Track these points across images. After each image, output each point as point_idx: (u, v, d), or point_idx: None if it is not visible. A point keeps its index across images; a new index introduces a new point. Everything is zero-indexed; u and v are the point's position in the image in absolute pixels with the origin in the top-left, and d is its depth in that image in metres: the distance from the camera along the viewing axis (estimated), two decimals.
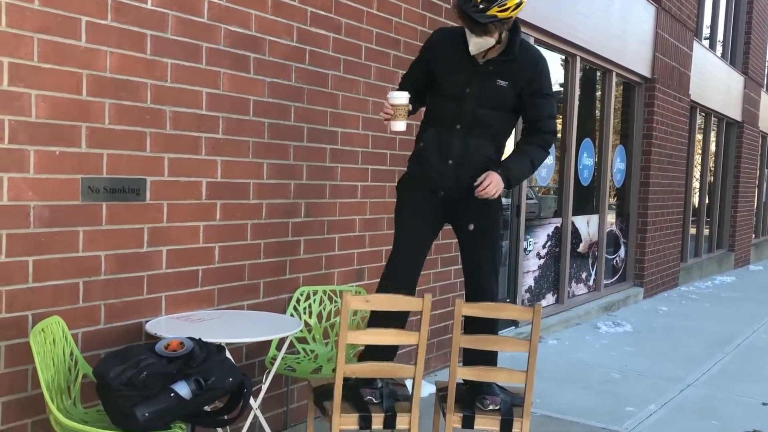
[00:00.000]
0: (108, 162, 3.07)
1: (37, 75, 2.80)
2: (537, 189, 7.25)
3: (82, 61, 2.95)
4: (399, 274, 3.25)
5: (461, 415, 3.05)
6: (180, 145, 3.35)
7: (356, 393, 2.92)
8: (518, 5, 2.77)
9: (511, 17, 2.81)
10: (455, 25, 3.08)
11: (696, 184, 11.82)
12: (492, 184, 3.02)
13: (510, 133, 3.30)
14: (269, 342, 3.74)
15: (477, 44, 2.90)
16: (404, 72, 3.50)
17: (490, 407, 3.09)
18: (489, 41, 2.87)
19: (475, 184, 3.05)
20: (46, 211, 2.87)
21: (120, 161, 3.11)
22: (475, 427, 3.08)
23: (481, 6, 2.72)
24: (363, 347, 3.32)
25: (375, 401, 2.94)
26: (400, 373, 2.91)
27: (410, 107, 3.12)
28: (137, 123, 3.16)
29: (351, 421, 2.82)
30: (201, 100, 3.42)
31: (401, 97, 3.06)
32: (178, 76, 3.31)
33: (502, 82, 3.01)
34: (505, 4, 2.71)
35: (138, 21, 3.14)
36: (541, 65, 3.08)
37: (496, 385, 3.21)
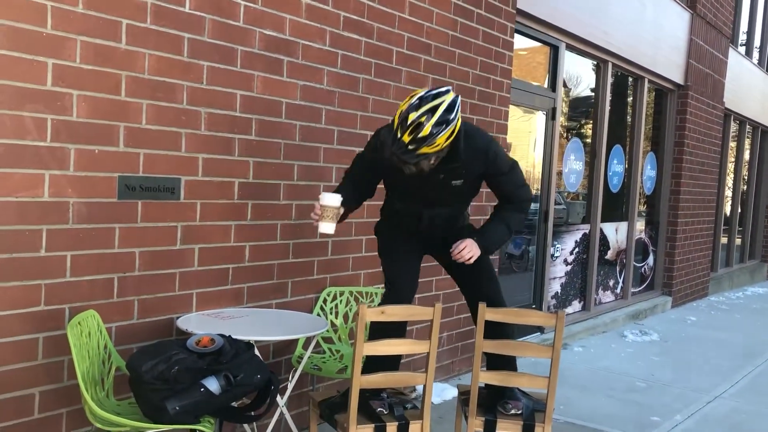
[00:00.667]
0: (144, 161, 3.15)
1: (78, 76, 2.89)
2: (565, 194, 7.23)
3: (122, 63, 3.03)
4: (404, 299, 3.26)
5: (483, 419, 3.08)
6: (214, 146, 3.42)
7: (366, 405, 2.96)
8: (450, 135, 2.63)
9: (445, 146, 2.68)
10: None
11: (728, 193, 11.64)
12: (466, 249, 3.02)
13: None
14: (296, 340, 3.80)
15: (412, 170, 2.76)
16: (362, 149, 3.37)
17: (512, 411, 3.12)
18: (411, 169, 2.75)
19: (451, 250, 3.07)
20: (85, 207, 2.96)
21: (156, 160, 3.19)
22: (497, 431, 3.10)
23: (409, 147, 2.59)
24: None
25: (385, 412, 2.98)
26: (411, 381, 2.95)
27: (341, 210, 3.04)
28: (173, 123, 3.24)
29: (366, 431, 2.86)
30: (235, 102, 3.50)
31: (333, 200, 2.98)
32: (213, 79, 3.39)
33: (457, 182, 2.95)
34: (435, 142, 2.58)
35: (176, 24, 3.22)
36: (491, 152, 2.94)
37: (518, 389, 3.23)
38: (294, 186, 3.86)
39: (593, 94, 7.54)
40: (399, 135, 2.60)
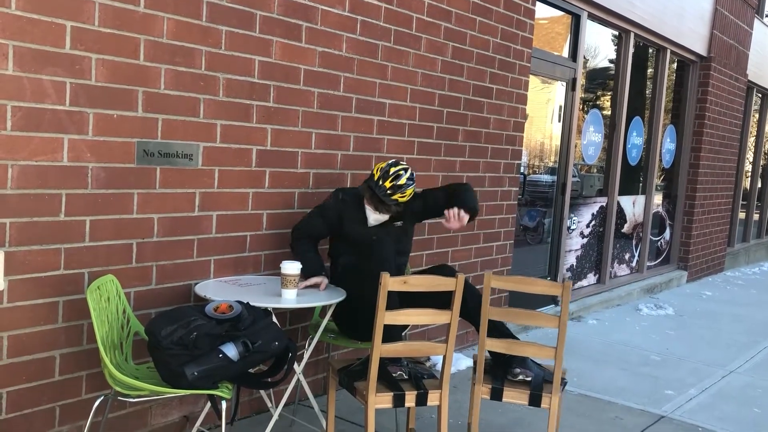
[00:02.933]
0: (163, 127, 3.13)
1: (97, 39, 2.86)
2: (578, 167, 7.14)
3: (141, 27, 3.00)
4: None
5: (490, 386, 3.11)
6: (232, 112, 3.39)
7: (384, 371, 2.96)
8: (412, 192, 3.52)
9: (395, 210, 3.52)
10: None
11: (748, 167, 11.48)
12: (454, 214, 3.44)
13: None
14: (313, 308, 3.80)
15: (375, 219, 3.56)
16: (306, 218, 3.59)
17: (520, 377, 3.14)
18: (385, 217, 3.55)
19: (444, 220, 3.47)
20: (103, 172, 2.95)
21: (174, 126, 3.17)
22: (504, 399, 3.12)
23: (389, 192, 3.44)
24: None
25: (405, 376, 2.99)
26: (432, 351, 2.95)
27: (299, 278, 3.24)
28: (191, 89, 3.21)
29: (386, 399, 2.86)
30: (253, 68, 3.46)
31: (293, 268, 3.15)
32: (231, 44, 3.34)
33: (398, 223, 3.64)
34: (405, 193, 3.47)
35: None
36: (411, 196, 3.57)
37: (531, 360, 3.23)
38: (312, 154, 3.83)
39: (612, 65, 7.41)
40: (381, 182, 3.46)
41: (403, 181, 3.47)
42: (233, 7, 3.33)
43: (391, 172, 3.47)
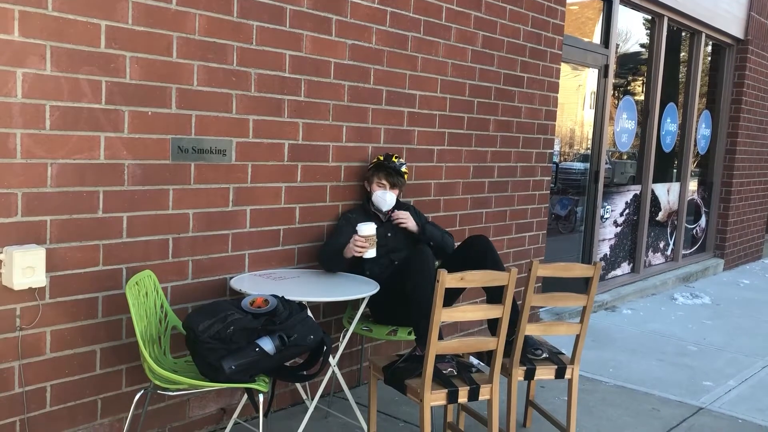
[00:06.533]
0: (196, 123, 3.16)
1: (131, 38, 2.89)
2: (609, 154, 7.03)
3: (173, 24, 3.02)
4: None
5: (524, 368, 3.24)
6: (264, 108, 3.41)
7: (434, 368, 2.96)
8: (405, 176, 3.88)
9: (404, 183, 3.87)
10: None
11: None
12: (404, 215, 3.82)
13: None
14: (346, 301, 3.82)
15: (390, 199, 3.79)
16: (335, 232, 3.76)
17: (544, 355, 3.36)
18: (393, 197, 3.81)
19: (393, 214, 3.84)
20: (139, 169, 2.99)
21: (207, 122, 3.20)
22: (536, 377, 3.28)
23: (396, 165, 3.81)
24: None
25: (455, 372, 2.98)
26: (483, 346, 2.94)
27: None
28: (224, 85, 3.23)
29: (440, 396, 2.85)
30: (284, 62, 3.46)
31: (370, 228, 3.47)
32: (262, 39, 3.35)
33: (403, 221, 3.88)
34: (405, 170, 3.85)
35: None
36: (412, 206, 4.11)
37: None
38: (342, 147, 3.83)
39: (645, 50, 7.27)
40: (382, 160, 3.82)
41: (403, 159, 3.93)
42: (263, 2, 3.33)
43: (392, 154, 3.88)
